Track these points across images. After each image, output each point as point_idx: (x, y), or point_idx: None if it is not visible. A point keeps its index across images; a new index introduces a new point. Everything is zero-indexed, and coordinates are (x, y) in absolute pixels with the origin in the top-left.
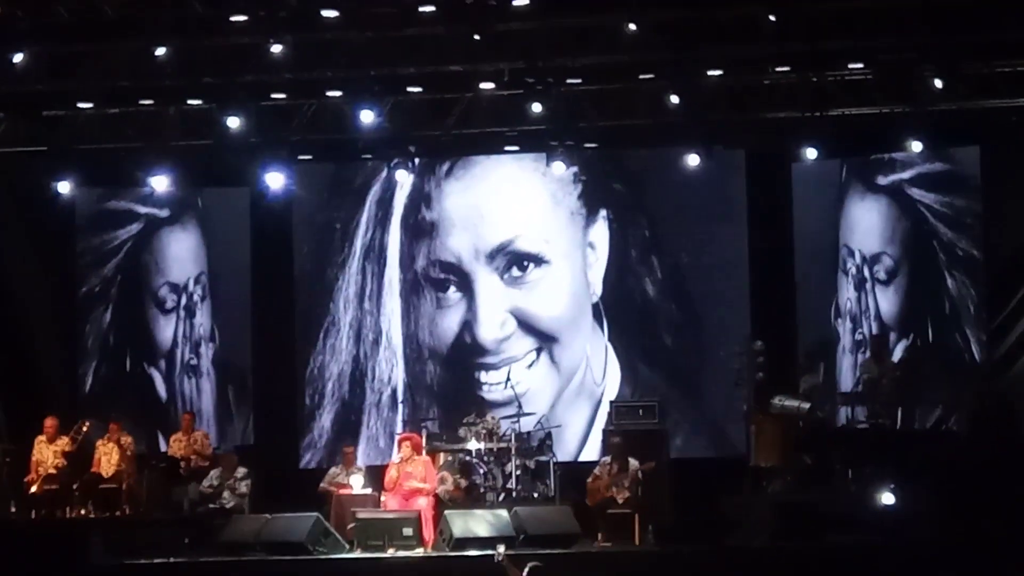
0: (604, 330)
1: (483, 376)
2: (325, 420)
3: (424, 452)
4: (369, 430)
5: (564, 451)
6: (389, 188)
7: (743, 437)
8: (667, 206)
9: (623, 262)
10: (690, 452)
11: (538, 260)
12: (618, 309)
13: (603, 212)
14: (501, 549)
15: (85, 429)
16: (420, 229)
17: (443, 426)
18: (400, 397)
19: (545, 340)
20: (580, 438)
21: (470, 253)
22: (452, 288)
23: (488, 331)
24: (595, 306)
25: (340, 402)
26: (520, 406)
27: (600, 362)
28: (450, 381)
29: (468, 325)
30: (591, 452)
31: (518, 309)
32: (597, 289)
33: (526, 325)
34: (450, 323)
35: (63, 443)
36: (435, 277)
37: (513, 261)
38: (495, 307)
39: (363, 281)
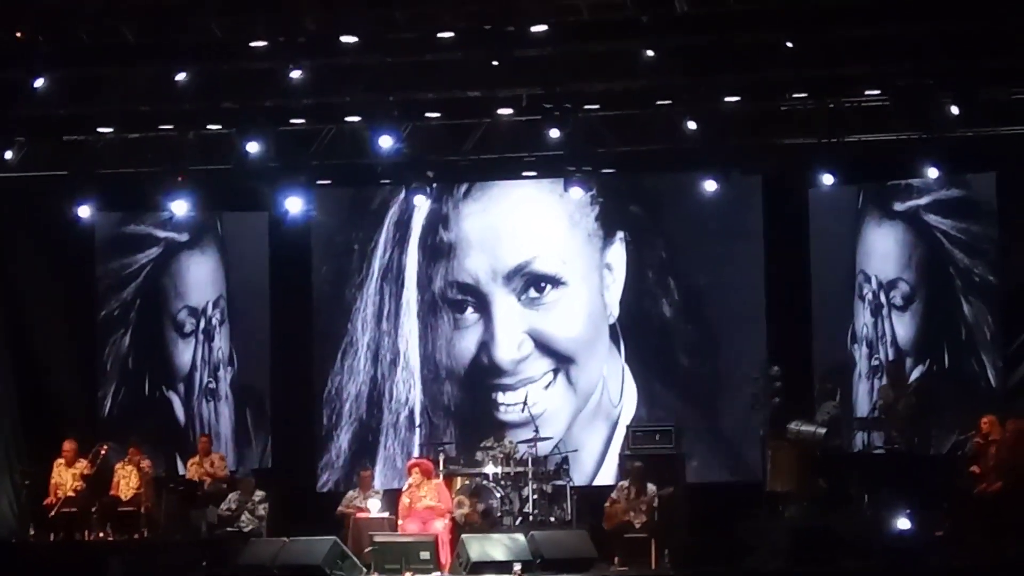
0: (621, 351)
1: (500, 397)
2: (343, 440)
3: (441, 476)
4: (386, 451)
5: (580, 474)
6: (407, 210)
7: (759, 460)
8: (684, 229)
9: (640, 284)
10: (706, 475)
11: (555, 281)
12: (635, 330)
13: (620, 234)
14: (517, 568)
15: (103, 452)
16: (438, 250)
17: (460, 448)
18: (418, 420)
19: (562, 361)
20: (596, 461)
21: (487, 274)
22: (469, 309)
23: (505, 352)
24: (612, 327)
25: (358, 422)
26: (537, 430)
27: (617, 383)
28: (467, 402)
29: (485, 346)
30: (607, 476)
31: (535, 330)
32: (614, 310)
33: (543, 346)
34: (467, 344)
35: (82, 466)
36: (452, 298)
37: (530, 282)
38: (512, 328)
39: (381, 302)
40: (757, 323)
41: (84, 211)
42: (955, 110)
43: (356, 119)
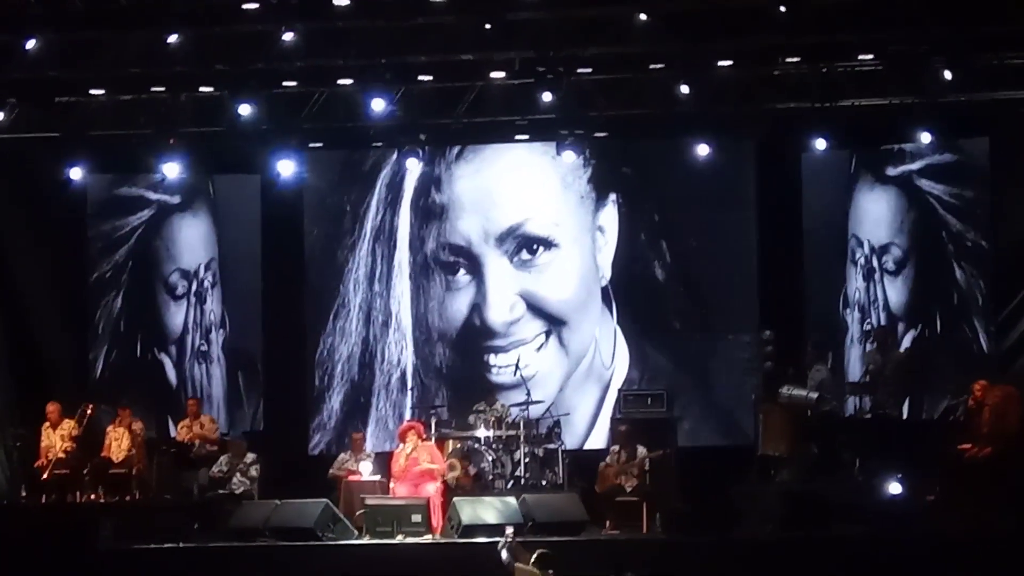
0: (613, 314)
1: (492, 359)
2: (335, 402)
3: (433, 439)
4: (378, 412)
5: (571, 436)
6: (399, 171)
7: (751, 422)
8: (677, 192)
9: (632, 246)
10: (698, 439)
11: (547, 243)
12: (627, 293)
13: (612, 196)
14: (510, 531)
15: (90, 412)
16: (430, 212)
17: (452, 410)
18: (409, 382)
19: (554, 323)
20: (588, 424)
21: (480, 236)
22: (461, 271)
23: (497, 314)
24: (604, 290)
25: (349, 384)
26: (529, 393)
27: (609, 345)
28: (459, 364)
29: (477, 308)
30: (598, 439)
31: (527, 292)
32: (606, 273)
33: (535, 308)
34: (459, 306)
35: (69, 426)
36: (445, 260)
37: (522, 244)
38: (504, 290)
39: (373, 263)
40: (749, 287)
41: (76, 173)
42: (948, 75)
43: (348, 82)
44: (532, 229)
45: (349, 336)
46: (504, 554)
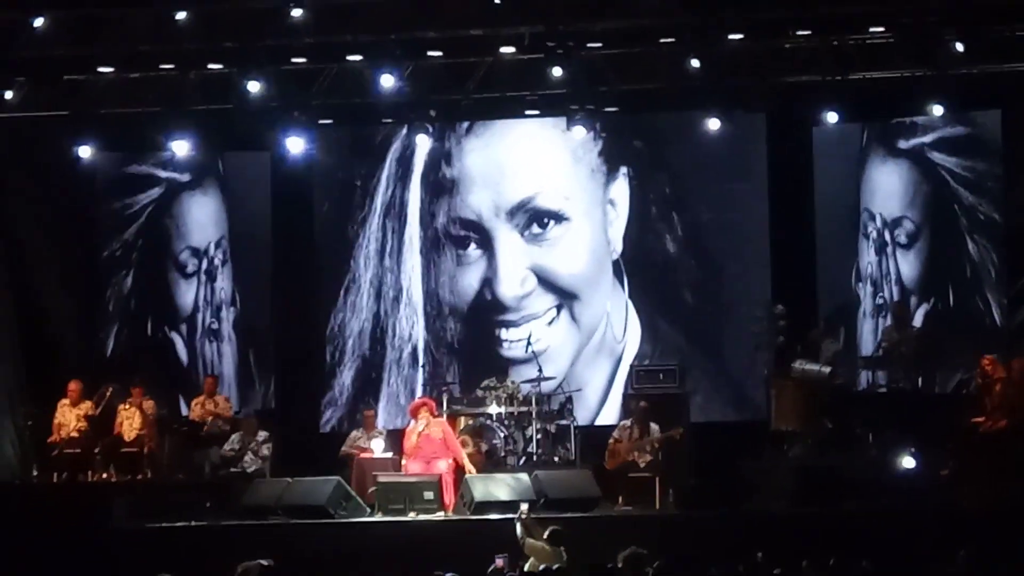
0: (624, 287)
1: (503, 333)
2: (346, 377)
3: (444, 416)
4: (390, 387)
5: (583, 411)
6: (409, 146)
7: (764, 396)
8: (688, 166)
9: (643, 219)
10: (711, 413)
11: (558, 217)
12: (638, 266)
13: (623, 169)
14: (524, 508)
15: (108, 394)
16: (440, 186)
17: (463, 386)
18: (421, 357)
19: (565, 297)
20: (599, 399)
21: (490, 210)
22: (472, 245)
23: (508, 288)
24: (615, 263)
25: (361, 359)
26: (540, 370)
27: (620, 319)
28: (470, 338)
29: (488, 282)
30: (610, 414)
31: (538, 266)
32: (617, 246)
33: (546, 282)
34: (470, 280)
35: (86, 407)
36: (455, 234)
37: (533, 218)
38: (515, 264)
39: (383, 238)
40: (761, 261)
41: (85, 151)
42: (960, 47)
43: (358, 58)
44: (543, 203)
45: (360, 312)
46: (518, 528)
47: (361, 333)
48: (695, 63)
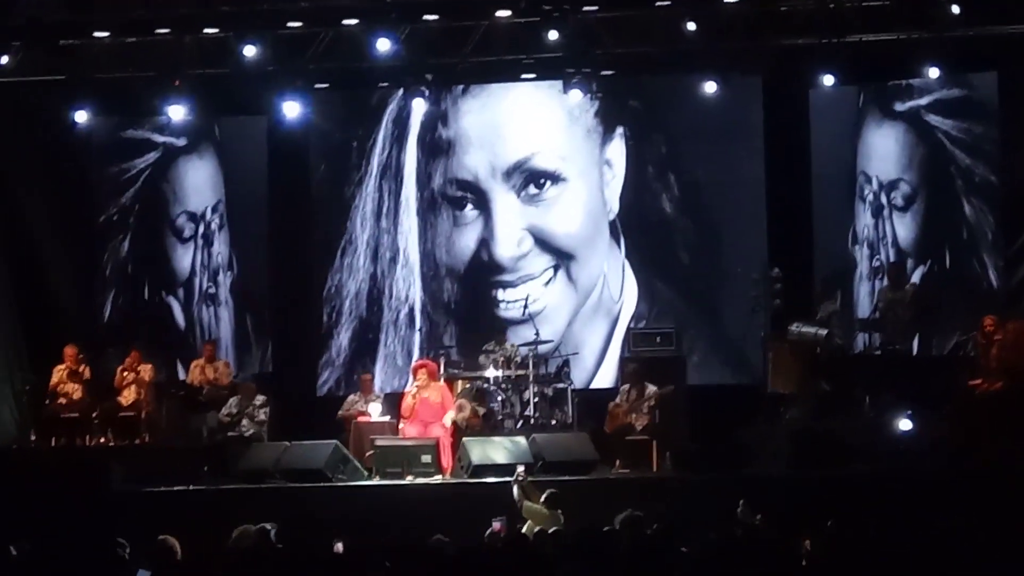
0: (621, 247)
1: (500, 294)
2: (343, 338)
3: (442, 379)
4: (387, 348)
5: (580, 371)
6: (406, 107)
7: (760, 357)
8: (684, 127)
9: (640, 179)
10: (708, 374)
11: (555, 178)
12: (635, 226)
13: (619, 129)
14: (521, 470)
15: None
16: (437, 147)
17: (460, 347)
18: (418, 318)
19: (562, 258)
20: (596, 360)
21: (487, 171)
22: (469, 206)
23: (505, 249)
24: (612, 224)
25: (358, 320)
26: (537, 333)
27: (617, 279)
28: (467, 299)
29: (485, 243)
30: (606, 377)
31: (535, 227)
32: (614, 206)
33: (543, 243)
34: (467, 241)
35: (83, 371)
36: (452, 195)
37: (530, 179)
38: (512, 225)
39: (380, 199)
40: (758, 224)
41: (81, 116)
42: (956, 9)
43: (354, 22)
44: (539, 163)
45: (357, 272)
46: (515, 491)
47: (358, 294)
48: (691, 26)
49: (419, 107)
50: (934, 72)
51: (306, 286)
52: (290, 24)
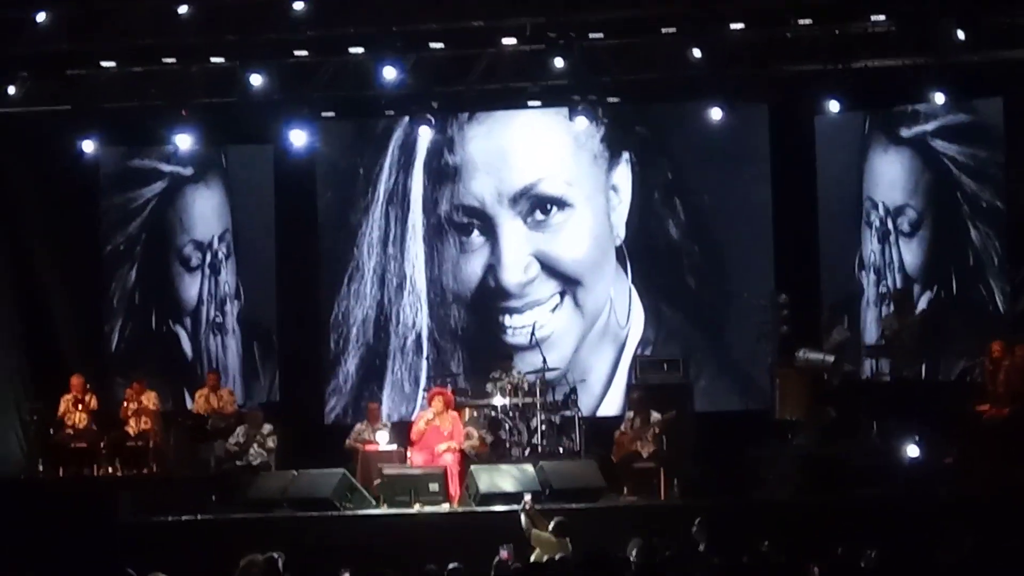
0: (628, 273)
1: (507, 320)
2: (350, 365)
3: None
4: (394, 375)
5: (587, 398)
6: (412, 133)
7: (767, 383)
8: (690, 153)
9: (646, 205)
10: (715, 399)
11: (561, 203)
12: (641, 252)
13: (626, 155)
14: (528, 498)
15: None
16: (443, 173)
17: (468, 374)
18: (425, 345)
19: (569, 283)
20: (603, 386)
21: (493, 197)
22: (475, 232)
23: (512, 275)
24: (618, 249)
25: (365, 347)
26: (544, 361)
27: (624, 305)
28: (474, 325)
29: (492, 269)
30: (612, 403)
31: (542, 252)
32: (620, 232)
33: (550, 268)
34: (474, 267)
35: (90, 401)
36: (458, 221)
37: (536, 205)
38: (519, 251)
39: (386, 226)
40: (764, 250)
41: (88, 146)
42: (961, 35)
43: (359, 51)
44: (545, 189)
45: (364, 299)
46: (523, 520)
47: (365, 321)
48: (696, 53)
49: (425, 134)
50: (939, 98)
51: (313, 314)
52: (296, 53)
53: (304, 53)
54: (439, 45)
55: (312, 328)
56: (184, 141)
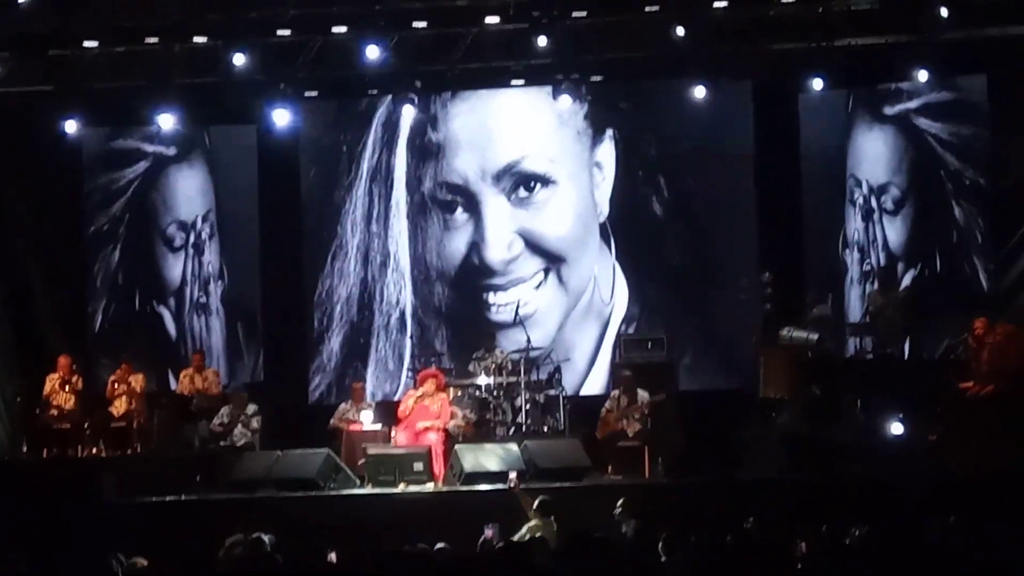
0: (611, 250)
1: (491, 298)
2: (334, 343)
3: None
4: (378, 353)
5: (570, 376)
6: (395, 111)
7: (751, 359)
8: (674, 130)
9: (630, 181)
10: (700, 376)
11: (545, 180)
12: (625, 229)
13: (609, 131)
14: (513, 476)
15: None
16: (426, 151)
17: (452, 351)
18: (409, 324)
19: (553, 260)
20: (587, 364)
21: (476, 174)
22: (459, 209)
23: (496, 252)
24: (602, 226)
25: (349, 325)
26: (528, 340)
27: (608, 282)
28: (458, 303)
29: (476, 246)
30: (596, 382)
31: (525, 230)
32: (604, 209)
33: (533, 246)
34: (458, 245)
35: (75, 382)
36: (442, 199)
37: (520, 182)
38: (502, 228)
39: (370, 203)
40: (748, 229)
41: (71, 126)
42: (945, 12)
43: (343, 30)
44: (529, 166)
45: (347, 277)
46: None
47: (349, 299)
48: (680, 31)
49: (408, 112)
50: (923, 75)
51: (297, 293)
52: (279, 32)
53: (287, 32)
54: (422, 24)
55: (296, 308)
56: (167, 121)
